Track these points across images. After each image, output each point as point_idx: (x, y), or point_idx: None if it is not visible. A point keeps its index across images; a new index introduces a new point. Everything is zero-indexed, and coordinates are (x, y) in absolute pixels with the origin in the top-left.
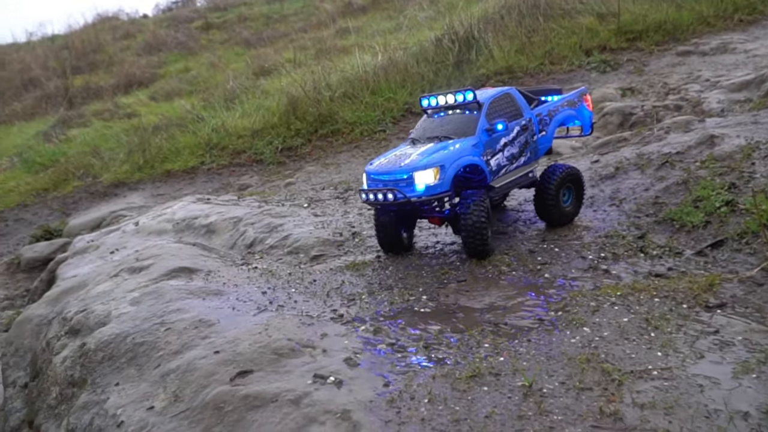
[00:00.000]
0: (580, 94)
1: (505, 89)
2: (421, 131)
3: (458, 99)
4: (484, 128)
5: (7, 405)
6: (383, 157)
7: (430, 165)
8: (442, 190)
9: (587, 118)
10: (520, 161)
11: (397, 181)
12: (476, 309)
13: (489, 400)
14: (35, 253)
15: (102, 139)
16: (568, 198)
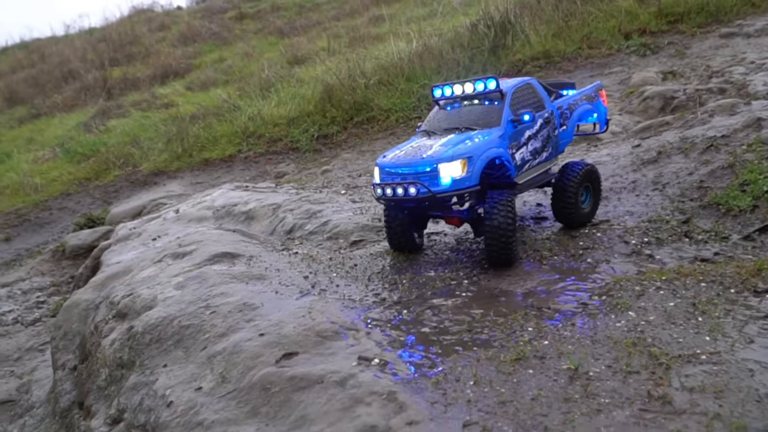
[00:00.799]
0: (596, 88)
1: (526, 79)
2: (435, 123)
3: (478, 88)
4: (509, 119)
5: (57, 387)
6: (397, 149)
7: (457, 156)
8: (470, 184)
9: (603, 114)
10: (542, 157)
11: (418, 174)
12: (518, 293)
13: (534, 383)
14: (79, 240)
15: (141, 129)
16: (585, 198)
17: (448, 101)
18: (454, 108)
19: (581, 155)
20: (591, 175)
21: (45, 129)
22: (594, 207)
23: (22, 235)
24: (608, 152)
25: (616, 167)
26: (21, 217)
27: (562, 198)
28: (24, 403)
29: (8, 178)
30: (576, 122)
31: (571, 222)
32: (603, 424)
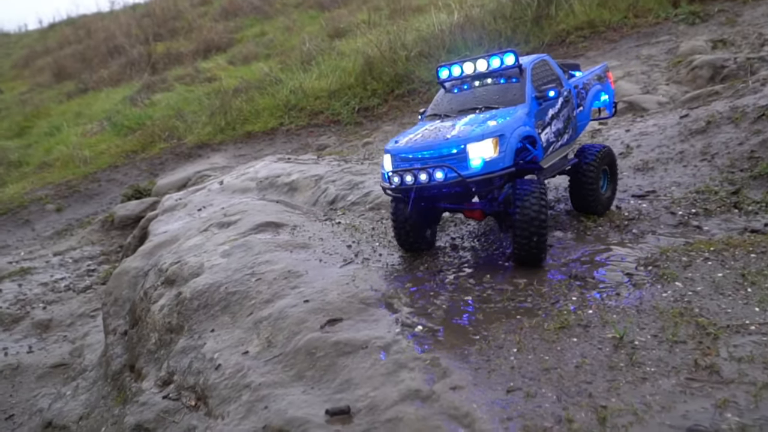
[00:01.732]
0: (604, 69)
1: (540, 56)
2: (446, 105)
3: (493, 64)
4: (533, 95)
5: (108, 351)
6: (410, 133)
7: (488, 134)
8: (503, 166)
9: (611, 97)
10: (564, 139)
11: (443, 157)
12: (562, 264)
13: (579, 351)
14: (127, 211)
15: (185, 103)
16: (604, 183)
17: (455, 83)
18: (464, 90)
19: (627, 126)
20: (609, 157)
21: (92, 103)
22: (613, 192)
23: (73, 206)
24: (655, 122)
25: (663, 138)
26: (71, 188)
27: (583, 184)
28: (77, 367)
29: (58, 151)
30: (591, 103)
31: (594, 209)
32: (648, 392)
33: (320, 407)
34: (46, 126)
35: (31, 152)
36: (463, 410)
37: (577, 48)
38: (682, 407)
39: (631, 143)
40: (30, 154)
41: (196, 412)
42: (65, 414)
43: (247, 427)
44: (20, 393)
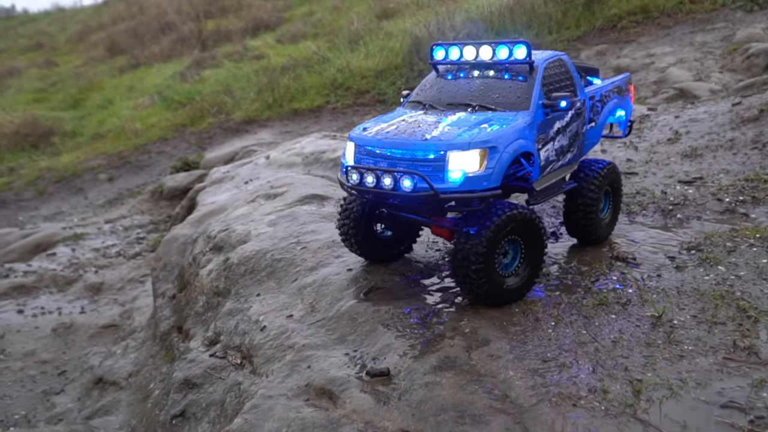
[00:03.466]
0: (627, 80)
1: (558, 54)
2: (433, 94)
3: (500, 55)
4: (540, 102)
5: (157, 313)
6: (382, 121)
7: (477, 143)
8: (488, 186)
9: (628, 113)
10: (566, 158)
11: (416, 162)
12: (603, 244)
13: (616, 327)
14: (176, 182)
15: (233, 79)
16: (605, 206)
17: (451, 68)
18: (459, 78)
19: (677, 112)
20: (613, 176)
21: (144, 78)
22: (614, 217)
23: (124, 176)
24: (706, 110)
25: (713, 125)
26: (123, 159)
27: (579, 206)
28: (126, 328)
29: (111, 123)
30: (606, 119)
31: (589, 237)
32: (685, 369)
33: (362, 369)
34: (99, 99)
35: (85, 123)
36: (500, 377)
37: (629, 33)
38: (718, 385)
39: (680, 129)
40: (84, 126)
41: (242, 370)
42: (115, 371)
43: (291, 385)
44: (72, 350)
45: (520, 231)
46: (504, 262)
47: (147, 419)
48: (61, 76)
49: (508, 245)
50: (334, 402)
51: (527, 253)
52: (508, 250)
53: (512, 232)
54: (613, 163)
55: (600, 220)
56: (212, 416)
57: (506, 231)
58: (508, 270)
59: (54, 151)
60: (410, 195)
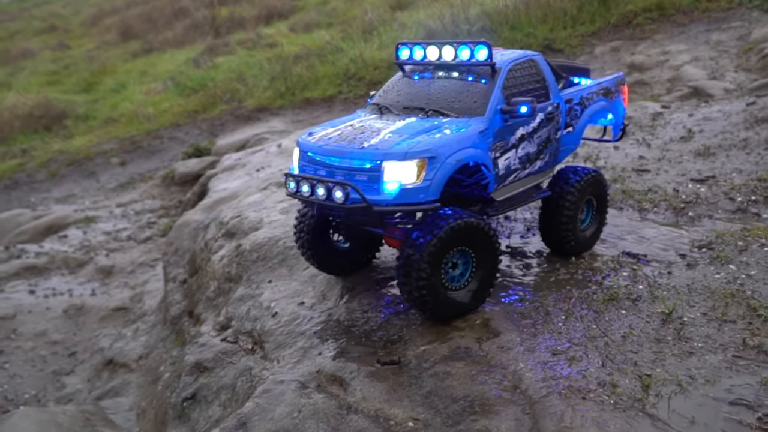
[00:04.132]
0: (618, 81)
1: (530, 54)
2: (393, 96)
3: (461, 56)
4: (498, 107)
5: (168, 297)
6: (330, 126)
7: (414, 153)
8: (425, 198)
9: (620, 117)
10: (535, 166)
11: (352, 171)
12: (614, 241)
13: (626, 322)
14: (187, 168)
15: (246, 67)
16: (587, 217)
17: (416, 68)
18: (424, 78)
19: (690, 110)
20: (597, 185)
21: (157, 63)
22: (598, 230)
23: (136, 160)
24: (719, 108)
25: (727, 124)
26: (135, 143)
27: (554, 215)
28: (137, 311)
29: (124, 107)
30: (586, 124)
31: (563, 248)
32: (694, 366)
33: (372, 357)
34: (112, 83)
35: (98, 107)
36: (511, 369)
37: (644, 30)
38: (727, 382)
39: (693, 128)
40: (96, 109)
41: (253, 355)
42: (126, 353)
43: (302, 371)
44: (83, 332)
45: (470, 242)
46: (453, 274)
47: (157, 401)
48: (74, 59)
49: (458, 257)
50: (345, 389)
51: (478, 264)
52: (457, 262)
53: (460, 243)
54: (596, 172)
55: (578, 232)
56: (223, 400)
57: (453, 242)
58: (458, 283)
59: (66, 133)
60: (344, 207)
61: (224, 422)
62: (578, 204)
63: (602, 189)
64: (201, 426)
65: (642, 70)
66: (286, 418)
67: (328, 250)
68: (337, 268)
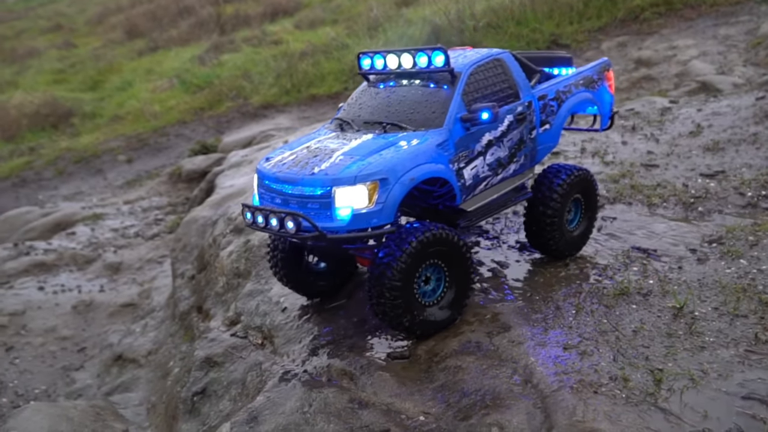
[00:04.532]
0: (601, 68)
1: (495, 53)
2: (356, 109)
3: (420, 63)
4: (457, 116)
5: (176, 293)
6: (288, 149)
7: (363, 176)
8: (378, 222)
9: (607, 106)
10: (509, 170)
11: (304, 198)
12: (622, 237)
13: (637, 317)
14: (194, 165)
15: (251, 64)
16: (575, 217)
17: (380, 77)
18: (388, 87)
19: (699, 105)
20: (584, 184)
21: (162, 61)
22: (587, 231)
23: (142, 157)
24: (728, 103)
25: (736, 119)
26: (141, 141)
27: (538, 215)
28: (145, 307)
29: (130, 105)
30: (564, 119)
31: (552, 250)
32: (706, 360)
33: (383, 352)
34: (118, 81)
35: (104, 105)
36: (522, 363)
37: (651, 25)
38: (739, 376)
39: (702, 123)
40: (103, 107)
41: (263, 350)
42: (135, 348)
43: (312, 365)
44: (92, 328)
45: (441, 255)
46: (426, 289)
47: (168, 396)
48: (80, 57)
49: (430, 271)
50: (356, 383)
51: (452, 278)
52: (429, 277)
53: (431, 256)
54: (583, 171)
55: (565, 233)
56: (233, 394)
57: (423, 256)
58: (431, 298)
59: (74, 131)
60: (297, 236)
61: (235, 416)
62: (563, 205)
63: (591, 188)
64: (212, 420)
65: (649, 65)
66: (297, 412)
67: (304, 272)
68: (314, 290)
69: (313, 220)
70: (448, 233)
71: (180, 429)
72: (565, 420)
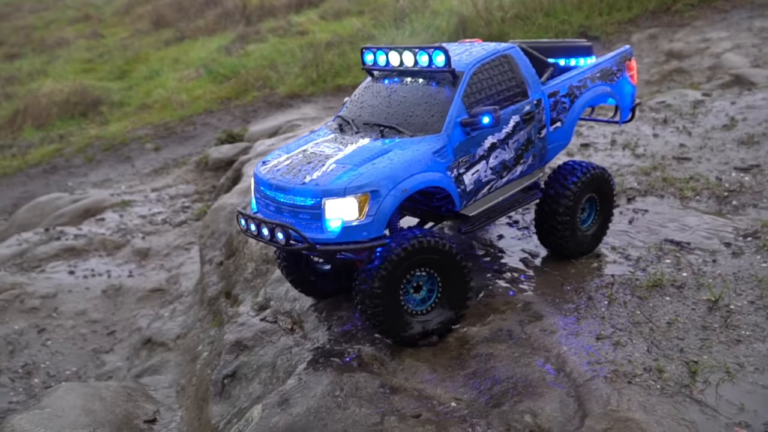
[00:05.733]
0: (622, 57)
1: (502, 49)
2: (358, 108)
3: (421, 61)
4: (457, 120)
5: (204, 279)
6: (286, 151)
7: (353, 188)
8: (368, 236)
9: (628, 98)
10: (515, 172)
11: (296, 208)
12: (655, 229)
13: (671, 309)
14: (221, 154)
15: (277, 54)
16: (589, 216)
17: (385, 73)
18: (392, 83)
19: (733, 98)
20: (599, 182)
21: (189, 51)
22: (601, 230)
23: (170, 146)
24: (763, 96)
25: None
26: (169, 129)
27: (549, 214)
28: (173, 292)
29: (157, 94)
30: (578, 116)
31: (564, 249)
32: (742, 354)
33: None
34: (145, 70)
35: (132, 94)
36: (554, 352)
37: (683, 17)
38: None
39: (736, 116)
40: (131, 96)
41: (292, 335)
42: (164, 332)
43: (343, 351)
44: (121, 312)
45: (432, 264)
46: (416, 298)
47: (197, 378)
48: (107, 47)
49: (422, 279)
50: (386, 368)
51: (444, 286)
52: (420, 285)
53: (419, 264)
54: (599, 169)
55: (578, 233)
56: (263, 377)
57: (409, 265)
58: (422, 307)
59: (102, 120)
60: (287, 247)
61: (266, 398)
62: (575, 206)
63: (606, 187)
64: (242, 402)
65: (681, 58)
66: (328, 395)
67: (310, 273)
68: (323, 292)
69: (302, 232)
70: (438, 241)
71: (211, 410)
72: (600, 409)
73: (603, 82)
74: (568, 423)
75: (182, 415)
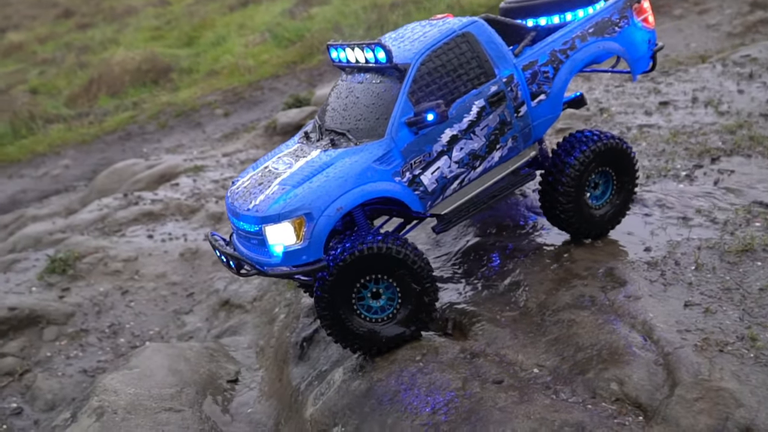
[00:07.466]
0: (624, 2)
1: (459, 27)
2: (327, 110)
3: (368, 58)
4: (402, 121)
5: None
6: (253, 168)
7: (287, 213)
8: (308, 260)
9: (642, 46)
10: (493, 159)
11: (248, 234)
12: (743, 190)
13: (763, 275)
14: (288, 118)
15: (341, 16)
16: (604, 192)
17: (351, 68)
18: (353, 83)
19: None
20: (615, 154)
21: (253, 15)
22: (619, 208)
23: (238, 111)
24: None
25: None
26: (237, 95)
27: (553, 189)
28: None
29: (225, 60)
30: (566, 83)
31: (569, 227)
32: None
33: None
34: (212, 36)
35: (200, 60)
36: (640, 319)
37: None
38: None
39: None
40: (199, 62)
41: None
42: (240, 295)
43: None
44: (199, 274)
45: (385, 269)
46: (375, 305)
47: (276, 340)
48: (174, 14)
49: (380, 286)
50: (466, 334)
51: (404, 293)
52: (379, 292)
53: (373, 271)
54: (615, 140)
55: (585, 210)
56: None
57: (358, 273)
58: (381, 315)
59: (172, 86)
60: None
61: (347, 362)
62: (580, 181)
63: (625, 160)
64: (321, 365)
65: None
66: (409, 360)
67: None
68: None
69: (251, 261)
70: (389, 247)
71: (291, 372)
72: (690, 378)
73: (599, 37)
74: (657, 391)
75: (263, 375)
